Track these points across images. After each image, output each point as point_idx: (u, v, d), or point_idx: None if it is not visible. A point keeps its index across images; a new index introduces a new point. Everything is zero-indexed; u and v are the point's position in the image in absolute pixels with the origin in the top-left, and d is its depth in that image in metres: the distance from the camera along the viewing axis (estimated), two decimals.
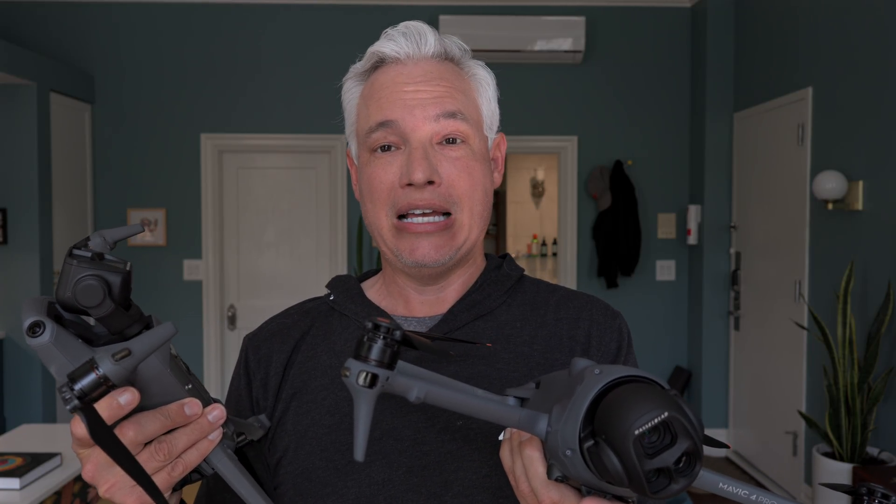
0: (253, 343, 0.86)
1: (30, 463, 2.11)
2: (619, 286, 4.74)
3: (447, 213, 0.78)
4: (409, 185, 0.76)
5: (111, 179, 4.64)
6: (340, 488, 0.74)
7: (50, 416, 4.12)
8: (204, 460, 0.60)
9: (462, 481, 0.73)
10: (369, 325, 0.45)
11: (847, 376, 2.98)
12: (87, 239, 0.55)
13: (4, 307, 4.01)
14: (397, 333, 0.45)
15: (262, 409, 0.81)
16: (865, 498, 0.51)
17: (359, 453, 0.45)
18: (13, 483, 2.02)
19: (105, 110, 4.63)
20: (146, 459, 0.57)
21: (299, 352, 0.84)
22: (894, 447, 2.97)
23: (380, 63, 0.82)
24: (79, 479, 2.22)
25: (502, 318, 0.83)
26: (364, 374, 0.44)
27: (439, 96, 0.78)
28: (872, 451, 3.03)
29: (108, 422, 0.52)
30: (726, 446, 0.53)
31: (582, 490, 0.51)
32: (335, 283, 0.89)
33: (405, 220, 0.77)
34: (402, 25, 0.81)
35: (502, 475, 0.73)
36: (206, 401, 0.61)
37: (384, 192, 0.78)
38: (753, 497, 0.48)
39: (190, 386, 0.60)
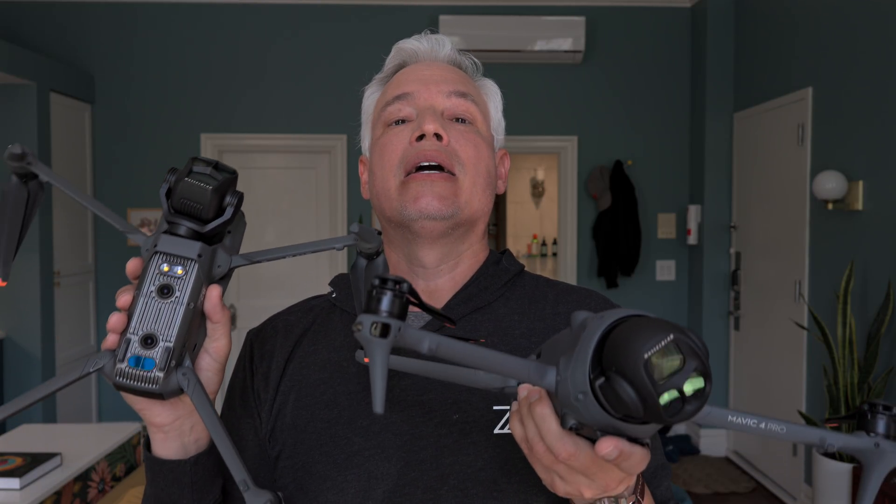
0: (258, 338, 0.87)
1: (30, 463, 2.11)
2: (620, 286, 4.74)
3: (452, 174, 0.81)
4: (420, 138, 0.80)
5: (111, 179, 4.64)
6: (340, 482, 0.75)
7: (50, 416, 4.12)
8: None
9: (457, 475, 0.75)
10: (377, 281, 0.46)
11: (847, 376, 2.98)
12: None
13: (4, 307, 4.01)
14: (405, 286, 0.46)
15: (263, 401, 0.83)
16: (869, 414, 0.52)
17: (377, 405, 0.45)
18: (13, 483, 2.02)
19: (105, 110, 4.63)
20: None
21: (300, 347, 0.85)
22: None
23: (401, 66, 0.89)
24: (79, 478, 2.22)
25: (500, 311, 0.84)
26: (375, 325, 0.45)
27: (454, 80, 0.85)
28: None
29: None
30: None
31: (597, 435, 0.51)
32: (337, 281, 0.90)
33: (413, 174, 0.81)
34: (424, 33, 0.90)
35: (496, 468, 0.75)
36: None
37: (396, 152, 0.81)
38: (762, 425, 0.49)
39: None
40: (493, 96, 0.90)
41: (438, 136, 0.80)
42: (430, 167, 0.79)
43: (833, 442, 0.50)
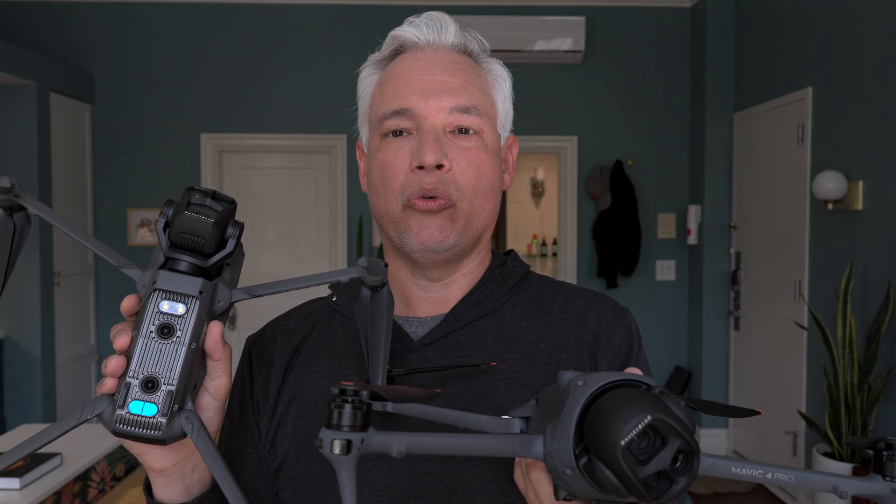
0: (256, 345, 0.85)
1: (30, 463, 2.11)
2: (619, 286, 4.74)
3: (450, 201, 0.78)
4: (420, 168, 0.76)
5: (111, 179, 4.64)
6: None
7: (50, 416, 4.12)
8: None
9: (466, 486, 0.73)
10: (335, 391, 0.44)
11: (847, 376, 2.98)
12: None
13: (4, 307, 4.01)
14: (364, 394, 0.44)
15: (262, 411, 0.81)
16: (885, 455, 0.49)
17: None
18: (13, 483, 2.02)
19: (105, 110, 4.63)
20: None
21: (300, 354, 0.83)
22: None
23: (399, 50, 0.82)
24: (79, 479, 2.22)
25: (506, 317, 0.82)
26: (337, 443, 0.43)
27: (456, 88, 0.78)
28: None
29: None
30: (758, 413, 0.52)
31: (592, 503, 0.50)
32: (338, 285, 0.88)
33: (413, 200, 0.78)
34: (426, 15, 0.82)
35: (506, 480, 0.73)
36: None
37: (396, 176, 0.78)
38: (769, 475, 0.47)
39: None
40: (501, 85, 0.86)
41: (439, 164, 0.76)
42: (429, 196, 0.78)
43: (846, 489, 0.47)
